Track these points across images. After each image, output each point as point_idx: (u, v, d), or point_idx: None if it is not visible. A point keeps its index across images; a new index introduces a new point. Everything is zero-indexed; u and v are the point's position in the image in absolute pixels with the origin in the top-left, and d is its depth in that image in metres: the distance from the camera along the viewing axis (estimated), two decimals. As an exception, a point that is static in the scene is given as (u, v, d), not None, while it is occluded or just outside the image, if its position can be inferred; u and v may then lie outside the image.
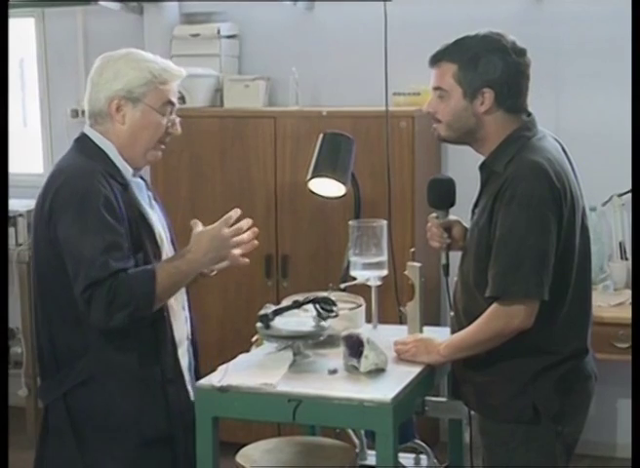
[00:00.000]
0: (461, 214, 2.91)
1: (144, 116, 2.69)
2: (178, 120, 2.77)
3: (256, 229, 2.73)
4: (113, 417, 2.65)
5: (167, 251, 2.77)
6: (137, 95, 2.67)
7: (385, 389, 2.56)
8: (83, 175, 2.61)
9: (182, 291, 2.81)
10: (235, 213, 2.70)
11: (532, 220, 2.53)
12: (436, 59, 2.69)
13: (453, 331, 2.79)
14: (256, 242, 2.77)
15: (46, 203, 2.62)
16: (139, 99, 2.68)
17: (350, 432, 3.34)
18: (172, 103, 2.73)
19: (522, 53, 2.66)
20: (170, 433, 2.70)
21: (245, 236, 2.69)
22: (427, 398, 2.96)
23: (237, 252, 2.72)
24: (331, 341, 2.82)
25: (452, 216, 2.92)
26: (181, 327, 2.81)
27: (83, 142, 2.73)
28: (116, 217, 2.58)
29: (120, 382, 2.65)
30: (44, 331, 2.72)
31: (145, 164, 2.79)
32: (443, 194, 2.90)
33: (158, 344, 2.69)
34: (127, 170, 2.71)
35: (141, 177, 2.82)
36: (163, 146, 2.77)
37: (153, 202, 2.83)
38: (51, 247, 2.61)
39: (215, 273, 2.91)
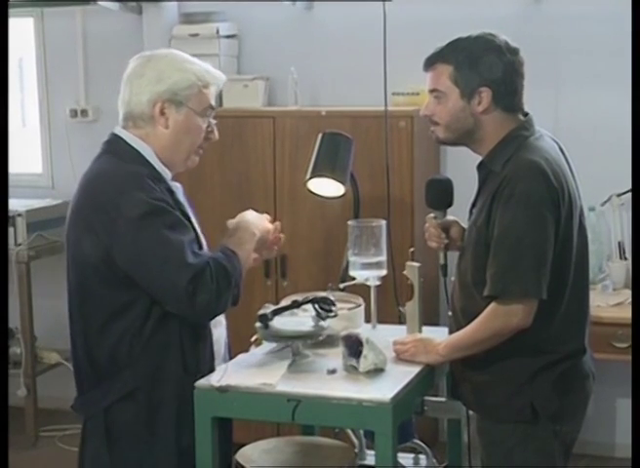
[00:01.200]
0: (460, 213, 2.91)
1: (188, 120, 2.64)
2: (215, 126, 2.73)
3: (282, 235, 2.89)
4: (154, 428, 2.63)
5: None
6: (181, 98, 2.61)
7: (384, 389, 2.56)
8: (133, 180, 2.54)
9: None
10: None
11: (530, 220, 2.53)
12: (431, 62, 2.69)
13: (451, 331, 2.79)
14: (276, 247, 2.90)
15: (93, 213, 2.54)
16: (182, 103, 2.62)
17: (349, 432, 3.34)
18: (212, 108, 2.69)
19: (515, 52, 2.67)
20: None
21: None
22: (426, 398, 2.96)
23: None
24: (330, 341, 2.82)
25: (450, 217, 2.92)
26: (222, 334, 2.81)
27: (116, 145, 2.65)
28: (178, 213, 2.59)
29: (164, 392, 2.63)
30: (80, 344, 2.67)
31: (183, 169, 2.73)
32: (441, 194, 2.90)
33: (199, 352, 2.67)
34: (167, 174, 2.66)
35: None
36: (201, 151, 2.73)
37: (188, 207, 2.78)
38: (103, 256, 2.53)
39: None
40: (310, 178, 3.62)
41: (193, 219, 2.72)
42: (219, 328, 2.79)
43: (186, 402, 2.63)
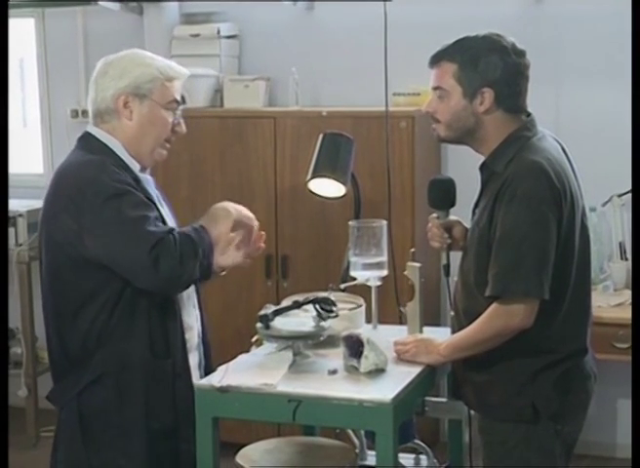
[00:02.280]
0: (462, 214, 2.91)
1: (152, 112, 2.70)
2: (182, 120, 2.78)
3: (263, 233, 2.88)
4: (123, 412, 2.66)
5: None
6: (144, 91, 2.68)
7: (385, 389, 2.56)
8: (95, 165, 2.61)
9: (193, 289, 2.83)
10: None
11: (532, 220, 2.53)
12: (436, 59, 2.69)
13: (453, 331, 2.79)
14: (263, 245, 2.90)
15: (60, 201, 2.61)
16: (145, 95, 2.68)
17: (350, 432, 3.34)
18: (177, 102, 2.74)
19: (522, 54, 2.67)
20: (176, 428, 2.71)
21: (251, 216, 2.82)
22: (427, 398, 2.96)
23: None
24: (331, 342, 2.82)
25: (452, 217, 2.92)
26: (192, 324, 2.82)
27: (87, 140, 2.73)
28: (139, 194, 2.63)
29: (132, 376, 2.65)
30: (53, 331, 2.71)
31: (152, 162, 2.79)
32: (443, 194, 2.90)
33: (169, 339, 2.70)
34: (134, 165, 2.71)
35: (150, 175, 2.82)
36: (169, 145, 2.78)
37: (161, 201, 2.83)
38: (74, 243, 2.59)
39: (224, 273, 2.91)
40: (311, 179, 3.62)
41: (162, 209, 2.75)
42: (192, 316, 2.82)
43: (156, 386, 2.67)
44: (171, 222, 2.79)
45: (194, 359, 2.81)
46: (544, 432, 2.63)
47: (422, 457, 3.40)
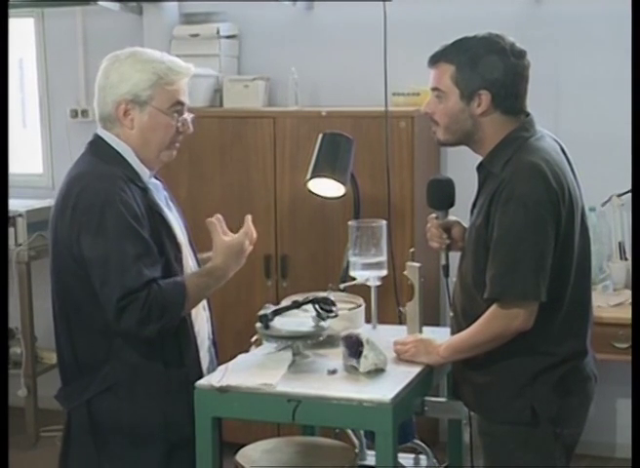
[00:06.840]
0: (461, 214, 2.91)
1: (152, 119, 2.66)
2: (190, 118, 2.74)
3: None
4: (139, 422, 2.64)
5: (186, 253, 2.76)
6: (143, 98, 2.64)
7: (385, 389, 2.56)
8: (105, 180, 2.58)
9: None
10: (249, 219, 2.79)
11: (528, 221, 2.52)
12: (435, 60, 2.68)
13: (452, 332, 2.79)
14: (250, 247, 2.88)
15: (67, 210, 2.59)
16: (145, 102, 2.64)
17: (350, 432, 3.34)
18: (181, 103, 2.70)
19: (521, 55, 2.65)
20: (193, 435, 2.66)
21: (255, 235, 2.78)
22: (427, 398, 2.96)
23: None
24: (330, 341, 2.82)
25: (451, 217, 2.92)
26: (203, 327, 2.81)
27: (98, 145, 2.70)
28: (140, 224, 2.57)
29: (147, 387, 2.64)
30: (64, 337, 2.70)
31: (160, 164, 2.77)
32: (442, 195, 2.90)
33: (181, 347, 2.69)
34: (144, 172, 2.69)
35: (157, 178, 2.80)
36: (177, 145, 2.75)
37: (170, 202, 2.81)
38: (74, 256, 2.58)
39: None
40: (311, 179, 3.62)
41: (170, 217, 2.72)
42: (202, 319, 2.81)
43: (171, 397, 2.66)
44: (177, 225, 2.76)
45: (205, 362, 2.80)
46: (543, 434, 2.62)
47: (422, 457, 3.40)
